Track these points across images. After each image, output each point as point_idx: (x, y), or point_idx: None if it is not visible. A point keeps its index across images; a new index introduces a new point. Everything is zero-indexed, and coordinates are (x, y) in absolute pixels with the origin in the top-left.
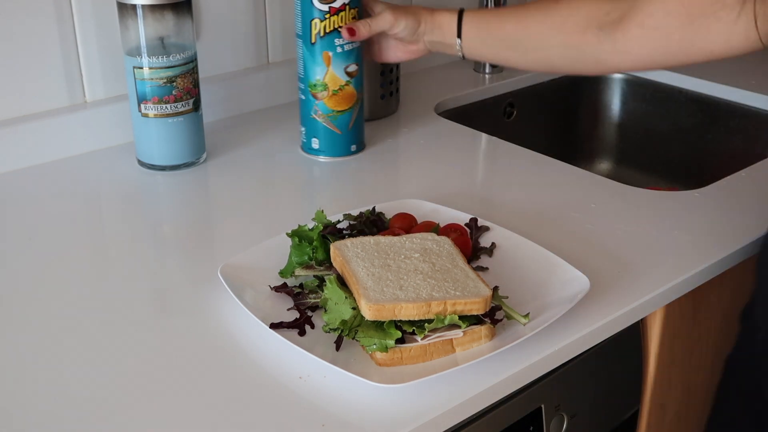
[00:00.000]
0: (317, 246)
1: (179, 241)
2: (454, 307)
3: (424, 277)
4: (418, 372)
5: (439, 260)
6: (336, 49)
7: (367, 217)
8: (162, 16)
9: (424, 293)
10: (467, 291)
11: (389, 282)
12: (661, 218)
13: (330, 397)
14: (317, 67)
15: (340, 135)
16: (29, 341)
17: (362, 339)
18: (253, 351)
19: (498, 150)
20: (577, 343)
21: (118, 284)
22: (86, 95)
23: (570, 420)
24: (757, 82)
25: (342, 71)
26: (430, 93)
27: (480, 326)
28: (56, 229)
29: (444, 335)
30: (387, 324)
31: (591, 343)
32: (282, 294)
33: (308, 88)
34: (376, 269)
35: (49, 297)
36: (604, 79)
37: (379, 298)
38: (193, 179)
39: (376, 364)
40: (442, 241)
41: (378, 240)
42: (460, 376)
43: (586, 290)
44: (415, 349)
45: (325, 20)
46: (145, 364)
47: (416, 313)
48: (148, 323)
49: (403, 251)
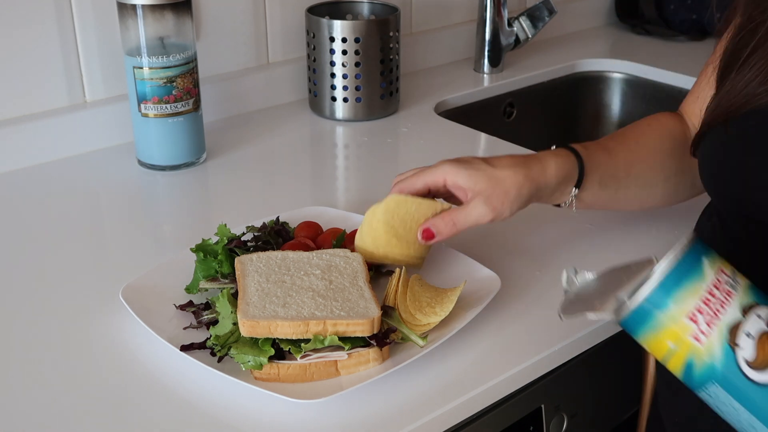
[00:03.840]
0: (222, 260)
1: (179, 241)
2: (335, 327)
3: (314, 295)
4: (337, 385)
5: (339, 278)
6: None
7: (271, 228)
8: (162, 16)
9: (306, 312)
10: (354, 312)
11: (275, 298)
12: (661, 218)
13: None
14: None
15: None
16: (29, 341)
17: (236, 355)
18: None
19: (498, 150)
20: (577, 343)
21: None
22: (86, 95)
23: (570, 420)
24: None
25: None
26: (430, 93)
27: (368, 349)
28: (56, 229)
29: (326, 356)
30: (262, 341)
31: (591, 343)
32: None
33: None
34: (268, 285)
35: (49, 297)
36: (604, 78)
37: (257, 314)
38: (193, 179)
39: (255, 378)
40: (353, 258)
41: (285, 255)
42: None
43: (497, 290)
44: (293, 368)
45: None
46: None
47: (293, 331)
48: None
49: (305, 267)
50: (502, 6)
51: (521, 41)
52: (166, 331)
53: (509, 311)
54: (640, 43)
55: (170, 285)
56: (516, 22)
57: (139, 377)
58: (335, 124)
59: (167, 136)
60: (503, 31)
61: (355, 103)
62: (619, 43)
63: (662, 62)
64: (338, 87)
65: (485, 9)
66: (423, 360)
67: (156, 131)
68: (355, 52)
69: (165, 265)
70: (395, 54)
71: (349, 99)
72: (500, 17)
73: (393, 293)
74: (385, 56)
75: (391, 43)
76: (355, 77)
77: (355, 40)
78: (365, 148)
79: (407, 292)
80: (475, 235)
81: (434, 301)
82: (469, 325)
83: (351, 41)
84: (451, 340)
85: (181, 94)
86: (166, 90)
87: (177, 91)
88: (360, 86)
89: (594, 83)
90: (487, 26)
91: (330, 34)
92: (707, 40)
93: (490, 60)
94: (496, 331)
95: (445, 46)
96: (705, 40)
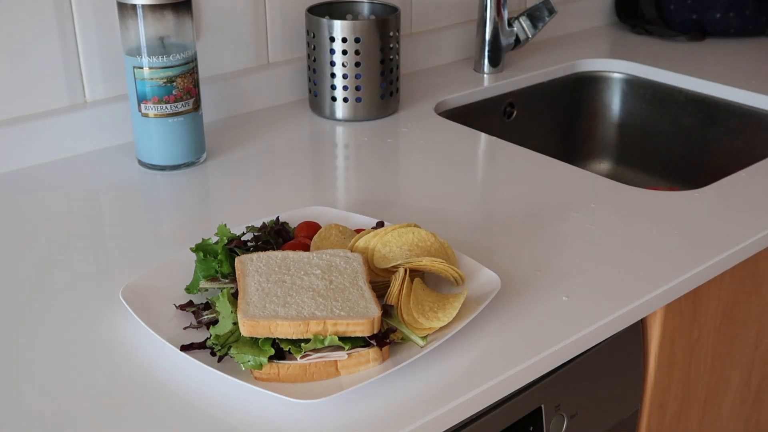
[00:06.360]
0: (222, 260)
1: (179, 241)
2: (335, 327)
3: (314, 294)
4: (337, 386)
5: (339, 278)
6: None
7: (271, 228)
8: (162, 16)
9: (306, 312)
10: (354, 311)
11: (275, 298)
12: (661, 218)
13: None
14: None
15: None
16: (29, 341)
17: (236, 355)
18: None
19: (498, 150)
20: (577, 343)
21: (118, 284)
22: (86, 95)
23: (570, 420)
24: (757, 82)
25: None
26: (430, 93)
27: (367, 349)
28: (56, 229)
29: (326, 356)
30: (262, 341)
31: (591, 343)
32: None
33: None
34: (269, 284)
35: (49, 297)
36: (604, 78)
37: (257, 314)
38: (193, 179)
39: (255, 378)
40: (353, 258)
41: (286, 255)
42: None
43: (497, 290)
44: (293, 368)
45: None
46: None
47: (293, 331)
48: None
49: (305, 267)
50: (502, 6)
51: (521, 41)
52: (166, 331)
53: (509, 311)
54: (640, 43)
55: (170, 285)
56: (516, 22)
57: (139, 377)
58: (335, 124)
59: (167, 136)
60: (503, 31)
61: (355, 103)
62: (619, 43)
63: (662, 62)
64: (338, 87)
65: (485, 9)
66: (423, 360)
67: (156, 131)
68: (355, 52)
69: (165, 265)
70: (395, 54)
71: (349, 99)
72: (500, 17)
73: (396, 293)
74: (385, 56)
75: (391, 43)
76: (355, 77)
77: (355, 40)
78: (365, 148)
79: (411, 294)
80: (475, 235)
81: (437, 306)
82: (469, 325)
83: (351, 41)
84: (451, 340)
85: (181, 94)
86: (166, 90)
87: (177, 91)
88: (360, 86)
89: (594, 83)
90: (487, 26)
91: (330, 34)
92: (707, 40)
93: (490, 60)
94: (496, 331)
95: (445, 46)
96: (705, 40)
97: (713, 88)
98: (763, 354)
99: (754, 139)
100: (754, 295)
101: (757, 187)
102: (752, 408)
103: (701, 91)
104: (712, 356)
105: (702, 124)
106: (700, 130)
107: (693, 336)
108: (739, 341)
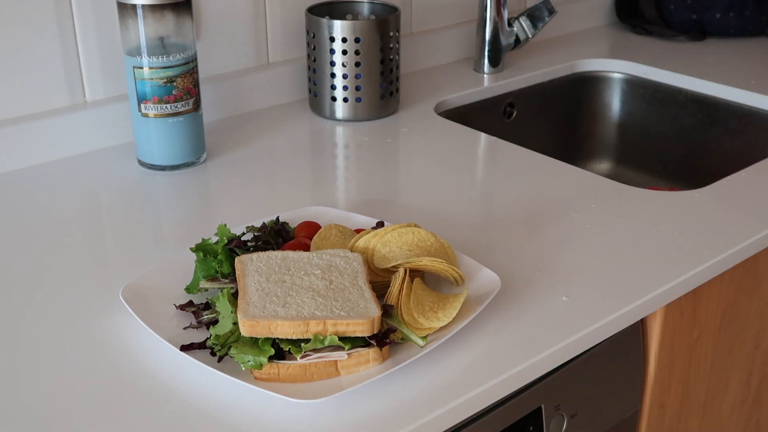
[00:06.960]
0: (222, 260)
1: (179, 241)
2: (335, 327)
3: (314, 294)
4: (337, 386)
5: (339, 278)
6: None
7: (271, 228)
8: (162, 16)
9: (306, 312)
10: (354, 311)
11: (275, 298)
12: (661, 218)
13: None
14: None
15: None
16: (29, 341)
17: (236, 355)
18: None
19: (498, 150)
20: (577, 343)
21: (118, 284)
22: (86, 95)
23: (570, 420)
24: (757, 82)
25: None
26: (430, 93)
27: (367, 349)
28: (56, 229)
29: (326, 356)
30: (262, 341)
31: (591, 343)
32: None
33: None
34: (269, 284)
35: (49, 297)
36: (604, 78)
37: (257, 314)
38: (193, 179)
39: (255, 378)
40: (353, 258)
41: (286, 255)
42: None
43: (497, 290)
44: (293, 368)
45: None
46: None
47: (293, 331)
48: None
49: (305, 267)
50: (502, 6)
51: (521, 41)
52: (166, 331)
53: (509, 311)
54: (640, 43)
55: (170, 285)
56: (516, 22)
57: (139, 377)
58: (335, 124)
59: (167, 136)
60: (503, 31)
61: (355, 103)
62: (619, 43)
63: (662, 62)
64: (338, 87)
65: (485, 9)
66: (423, 360)
67: (156, 131)
68: (355, 52)
69: (165, 265)
70: (395, 54)
71: (349, 99)
72: (500, 17)
73: (396, 293)
74: (385, 56)
75: (391, 43)
76: (355, 77)
77: (355, 40)
78: (365, 148)
79: (410, 294)
80: (475, 235)
81: (437, 306)
82: (469, 325)
83: (351, 41)
84: (451, 340)
85: (181, 94)
86: (166, 90)
87: (177, 91)
88: (360, 86)
89: (594, 83)
90: (487, 26)
91: (330, 34)
92: (707, 40)
93: (490, 60)
94: (496, 331)
95: (445, 46)
96: (705, 40)
97: (713, 88)
98: (763, 354)
99: (754, 139)
100: (754, 295)
101: (757, 187)
102: (752, 408)
103: (701, 91)
104: (712, 356)
105: (702, 124)
106: (700, 130)
107: (693, 336)
108: (739, 341)
